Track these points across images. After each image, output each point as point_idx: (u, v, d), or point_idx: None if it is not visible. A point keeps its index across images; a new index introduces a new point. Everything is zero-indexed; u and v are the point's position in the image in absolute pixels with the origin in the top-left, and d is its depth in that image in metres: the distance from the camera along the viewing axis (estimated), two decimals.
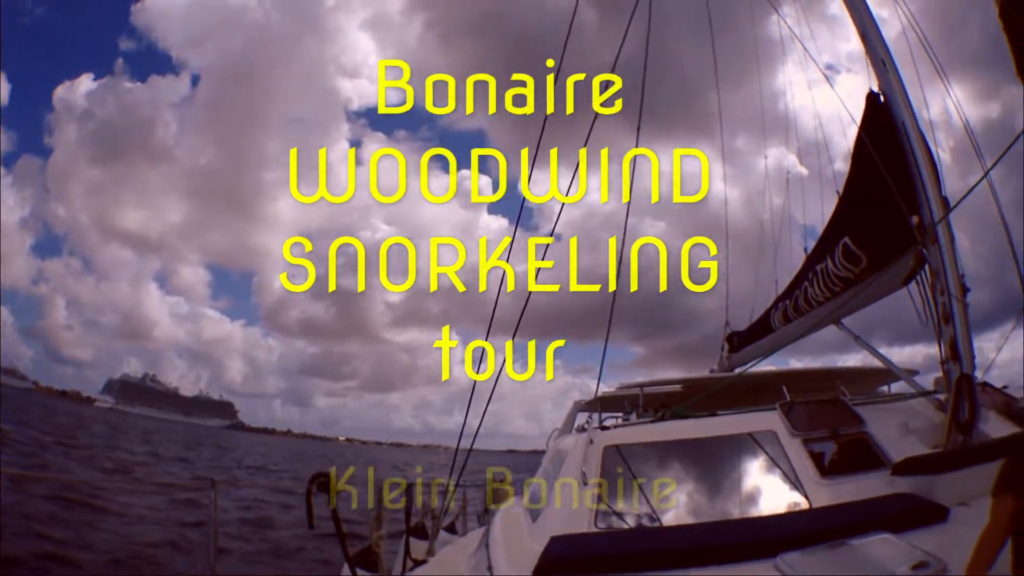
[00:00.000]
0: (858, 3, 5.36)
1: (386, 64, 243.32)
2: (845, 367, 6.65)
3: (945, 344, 4.56)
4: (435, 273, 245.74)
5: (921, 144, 4.95)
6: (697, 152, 9.01)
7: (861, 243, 5.41)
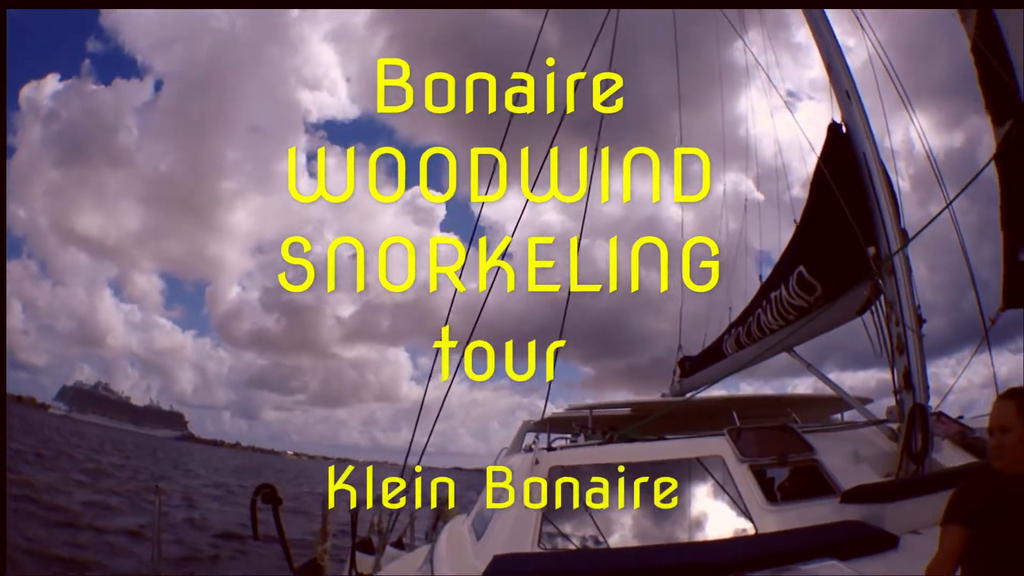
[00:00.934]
0: (825, 34, 5.29)
1: (385, 63, 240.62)
2: (798, 394, 6.62)
3: (899, 374, 4.46)
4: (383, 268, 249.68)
5: (881, 175, 4.87)
6: (699, 152, 8.82)
7: (816, 272, 5.29)
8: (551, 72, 6.32)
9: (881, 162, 4.91)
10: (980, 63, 3.91)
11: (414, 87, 35.13)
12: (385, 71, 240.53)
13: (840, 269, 5.09)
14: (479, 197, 5.73)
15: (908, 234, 4.68)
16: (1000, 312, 4.31)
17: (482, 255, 6.37)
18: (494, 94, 7.40)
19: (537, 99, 6.19)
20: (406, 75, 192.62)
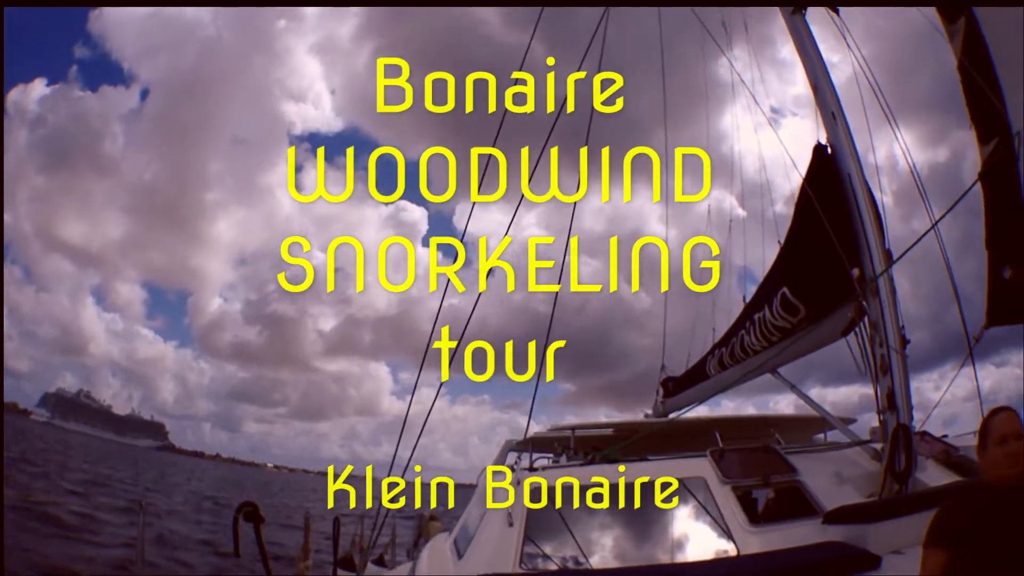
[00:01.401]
0: (811, 54, 5.28)
1: (385, 62, 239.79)
2: (781, 415, 6.59)
3: (882, 394, 4.41)
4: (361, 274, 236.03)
5: (866, 196, 4.83)
6: (699, 151, 8.74)
7: (800, 294, 5.24)
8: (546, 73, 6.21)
9: (866, 182, 4.89)
10: (966, 82, 3.91)
11: (412, 87, 34.91)
12: (384, 71, 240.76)
13: (824, 291, 5.04)
14: (477, 195, 5.49)
15: (892, 255, 4.64)
16: (984, 330, 4.28)
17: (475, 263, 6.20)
18: (494, 93, 7.30)
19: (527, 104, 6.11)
20: (406, 74, 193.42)
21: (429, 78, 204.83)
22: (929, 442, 4.48)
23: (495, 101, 6.84)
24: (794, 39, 5.38)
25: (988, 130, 3.89)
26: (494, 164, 5.66)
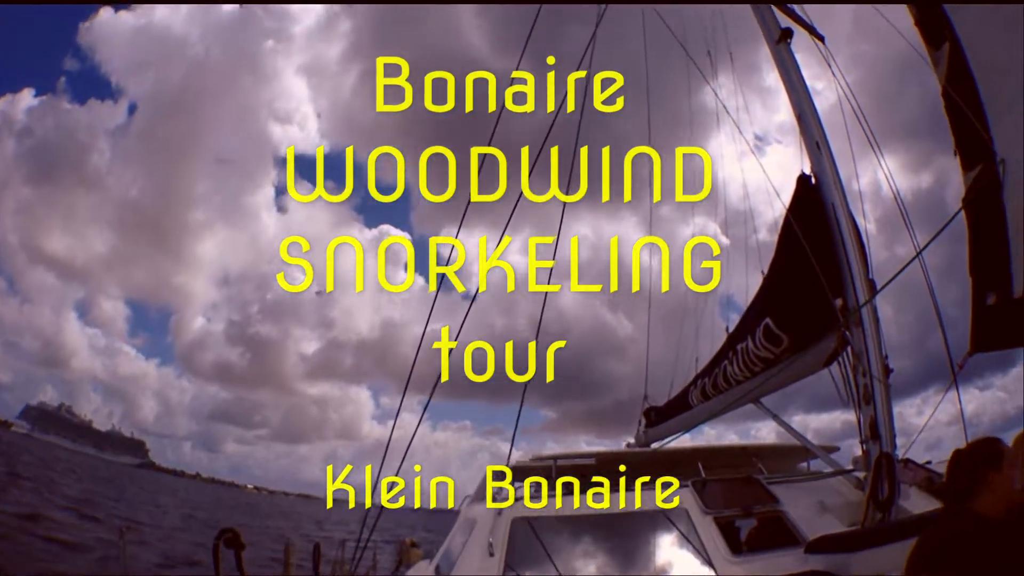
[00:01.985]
0: (796, 83, 5.29)
1: (385, 61, 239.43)
2: (764, 444, 6.54)
3: (865, 423, 4.34)
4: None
5: (850, 225, 4.81)
6: (700, 151, 8.67)
7: (783, 324, 5.19)
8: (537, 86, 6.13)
9: (850, 213, 4.86)
10: (950, 108, 3.91)
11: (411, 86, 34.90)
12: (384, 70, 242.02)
13: (807, 321, 4.98)
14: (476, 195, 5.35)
15: (876, 285, 4.59)
16: (968, 356, 4.22)
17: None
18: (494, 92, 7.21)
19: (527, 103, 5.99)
20: (405, 74, 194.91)
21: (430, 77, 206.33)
22: (912, 469, 4.43)
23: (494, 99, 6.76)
24: (779, 69, 5.40)
25: (972, 156, 3.88)
26: (492, 161, 5.54)
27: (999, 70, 3.64)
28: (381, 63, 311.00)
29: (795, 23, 5.67)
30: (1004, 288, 3.76)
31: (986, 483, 2.27)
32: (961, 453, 2.41)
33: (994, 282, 3.83)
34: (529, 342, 4.85)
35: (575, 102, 5.31)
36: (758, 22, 5.59)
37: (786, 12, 5.78)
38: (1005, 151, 3.61)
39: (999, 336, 4.00)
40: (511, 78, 5.69)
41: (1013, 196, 3.56)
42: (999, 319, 3.86)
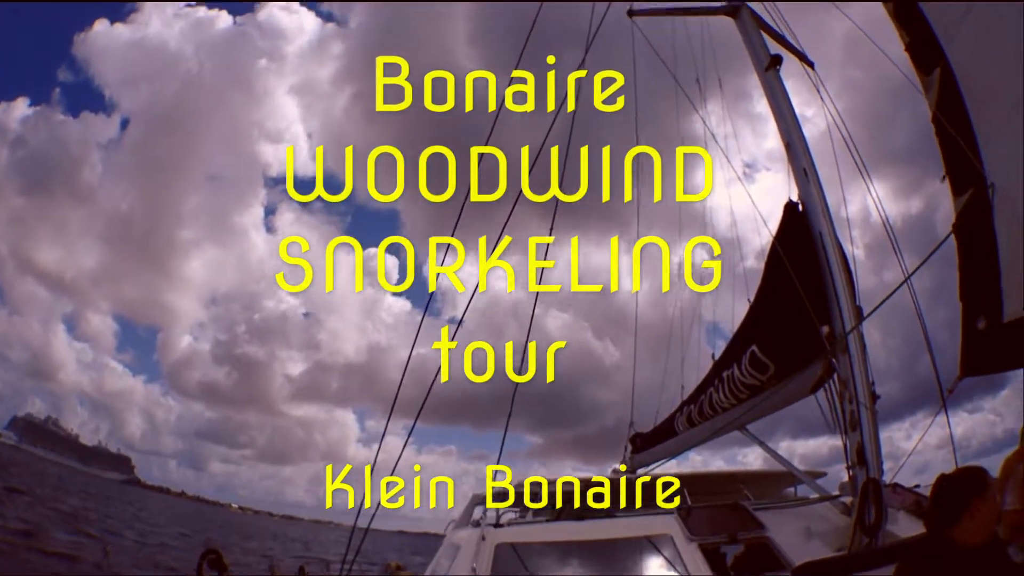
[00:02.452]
0: (784, 111, 5.28)
1: (384, 60, 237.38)
2: (750, 470, 6.41)
3: (852, 449, 4.27)
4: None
5: (837, 253, 4.76)
6: (701, 150, 8.56)
7: (769, 352, 5.11)
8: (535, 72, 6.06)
9: (837, 240, 4.81)
10: (940, 133, 3.88)
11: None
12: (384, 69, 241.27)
13: (793, 348, 4.91)
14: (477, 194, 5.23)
15: (863, 311, 4.52)
16: (958, 380, 4.15)
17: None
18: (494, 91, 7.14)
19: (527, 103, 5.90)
20: (405, 73, 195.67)
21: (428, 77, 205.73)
22: (900, 494, 4.35)
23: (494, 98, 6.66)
24: (767, 95, 5.41)
25: (962, 181, 3.86)
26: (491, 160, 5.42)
27: (990, 95, 3.64)
28: (381, 62, 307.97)
29: (784, 49, 5.70)
30: (994, 312, 3.72)
31: (969, 512, 2.28)
32: (947, 479, 2.41)
33: (984, 306, 3.79)
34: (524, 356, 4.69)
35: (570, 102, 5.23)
36: (747, 49, 5.62)
37: (775, 38, 5.80)
38: (995, 176, 3.58)
39: (989, 360, 3.96)
40: (511, 78, 5.60)
41: (1004, 221, 3.52)
42: (989, 343, 3.82)
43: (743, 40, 5.70)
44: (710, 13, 6.27)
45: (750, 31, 5.68)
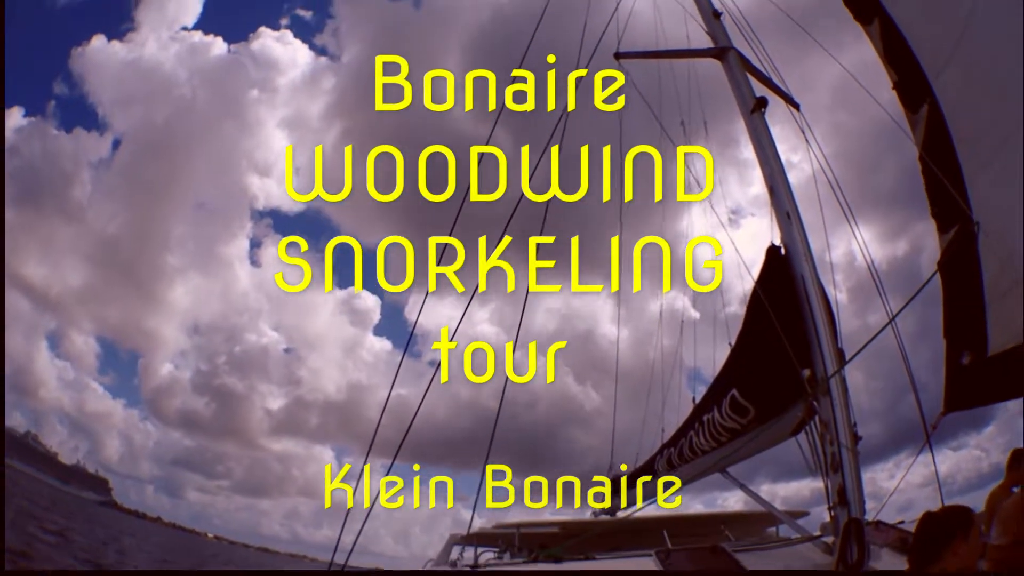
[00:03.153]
0: (768, 153, 5.26)
1: (384, 60, 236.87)
2: (731, 511, 6.23)
3: (833, 490, 4.13)
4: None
5: (820, 296, 4.67)
6: (702, 150, 8.43)
7: (749, 395, 5.01)
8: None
9: (820, 282, 4.73)
10: (927, 171, 3.87)
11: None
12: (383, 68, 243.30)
13: (774, 392, 4.80)
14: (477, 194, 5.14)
15: (845, 354, 4.42)
16: (942, 416, 4.10)
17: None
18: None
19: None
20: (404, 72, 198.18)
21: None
22: (884, 531, 4.20)
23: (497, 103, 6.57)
24: (752, 138, 5.40)
25: (948, 219, 3.84)
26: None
27: (976, 131, 3.65)
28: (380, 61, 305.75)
29: (770, 90, 5.74)
30: (979, 347, 3.66)
31: (951, 550, 2.29)
32: (931, 517, 2.42)
33: (969, 341, 3.74)
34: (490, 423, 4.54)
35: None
36: (733, 91, 5.65)
37: (761, 80, 5.85)
38: (981, 212, 3.55)
39: (973, 395, 3.89)
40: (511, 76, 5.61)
41: (989, 256, 3.47)
42: (973, 378, 3.76)
43: (729, 82, 5.73)
44: (697, 55, 6.36)
45: (736, 74, 5.71)
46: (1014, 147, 3.26)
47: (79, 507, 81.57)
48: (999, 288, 3.47)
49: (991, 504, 3.42)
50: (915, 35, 4.15)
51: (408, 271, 46.24)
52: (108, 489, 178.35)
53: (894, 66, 4.37)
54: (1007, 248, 3.37)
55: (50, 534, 24.01)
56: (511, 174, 7.75)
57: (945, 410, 3.99)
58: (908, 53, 4.18)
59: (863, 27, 4.82)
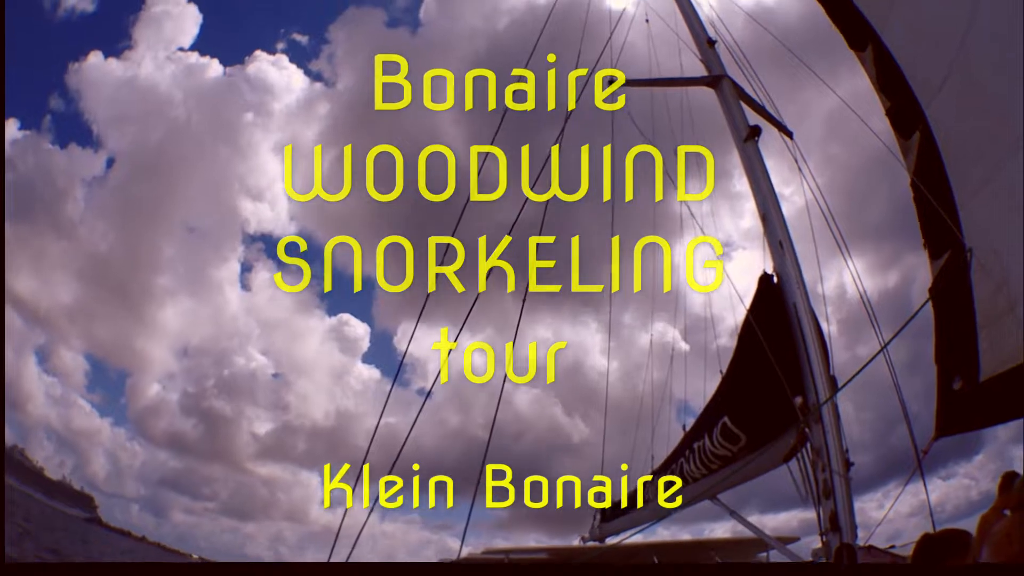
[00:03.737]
0: (761, 182, 5.24)
1: (383, 59, 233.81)
2: (720, 538, 6.09)
3: (825, 517, 4.05)
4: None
5: (812, 324, 4.63)
6: (703, 149, 8.35)
7: (740, 423, 4.96)
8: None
9: (812, 310, 4.69)
10: (919, 198, 3.85)
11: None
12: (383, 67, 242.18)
13: (766, 419, 4.74)
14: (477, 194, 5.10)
15: (837, 382, 4.35)
16: (933, 441, 4.03)
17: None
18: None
19: None
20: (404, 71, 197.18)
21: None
22: (876, 555, 4.22)
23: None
24: (745, 167, 5.39)
25: (940, 245, 3.82)
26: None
27: (967, 156, 3.63)
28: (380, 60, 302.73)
29: (763, 118, 5.75)
30: (971, 372, 3.61)
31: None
32: (930, 539, 2.44)
33: (961, 367, 3.68)
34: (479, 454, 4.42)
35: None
36: (727, 119, 5.65)
37: (755, 108, 5.87)
38: (973, 238, 3.52)
39: (964, 419, 3.84)
40: (512, 75, 5.63)
41: (981, 282, 3.43)
42: (965, 402, 3.71)
43: (723, 111, 5.74)
44: (691, 84, 6.38)
45: (730, 102, 5.72)
46: (1007, 172, 3.26)
47: (64, 523, 79.86)
48: (992, 313, 3.43)
49: (983, 527, 3.38)
50: (908, 61, 4.16)
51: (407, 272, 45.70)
52: (94, 506, 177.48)
53: (887, 92, 4.38)
54: (1000, 273, 3.34)
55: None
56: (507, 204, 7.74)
57: (937, 435, 3.94)
58: (901, 79, 4.19)
59: (856, 54, 4.85)
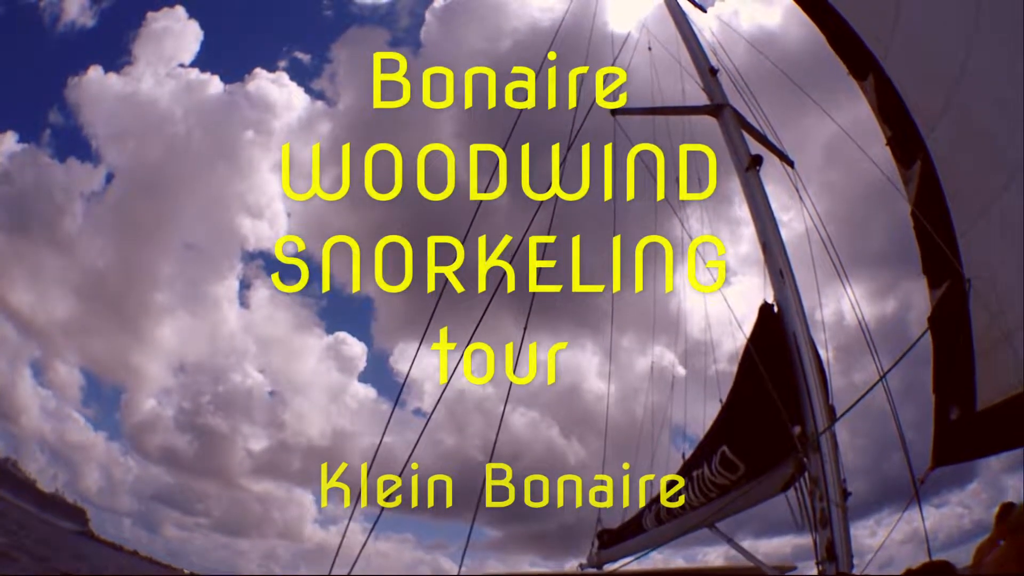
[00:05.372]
0: (762, 211, 5.25)
1: (383, 57, 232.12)
2: (717, 566, 5.95)
3: (822, 546, 4.01)
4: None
5: (811, 353, 4.62)
6: (705, 148, 8.28)
7: (739, 451, 4.92)
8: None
9: (812, 340, 4.67)
10: (918, 227, 3.85)
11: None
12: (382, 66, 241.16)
13: (764, 448, 4.72)
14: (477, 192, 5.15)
15: (836, 411, 4.33)
16: (930, 471, 3.96)
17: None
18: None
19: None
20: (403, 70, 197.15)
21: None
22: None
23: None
24: (746, 196, 5.40)
25: (939, 274, 3.80)
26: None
27: (968, 186, 3.64)
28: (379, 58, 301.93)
29: (765, 147, 5.77)
30: (967, 402, 3.58)
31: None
32: (912, 574, 2.45)
33: (958, 397, 3.65)
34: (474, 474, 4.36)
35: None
36: (728, 148, 5.67)
37: (756, 137, 5.89)
38: (972, 268, 3.51)
39: (961, 449, 3.81)
40: (511, 73, 5.70)
41: (979, 311, 3.41)
42: (961, 432, 3.68)
43: (725, 139, 5.77)
44: (693, 112, 6.43)
45: (731, 131, 5.75)
46: (1007, 201, 3.27)
47: (57, 536, 78.67)
48: (987, 342, 3.43)
49: (978, 557, 3.35)
50: (909, 90, 4.18)
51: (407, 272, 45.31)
52: (86, 520, 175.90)
53: (888, 122, 4.39)
54: (997, 302, 3.34)
55: None
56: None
57: (933, 464, 3.90)
58: (902, 108, 4.21)
59: (858, 82, 4.86)
